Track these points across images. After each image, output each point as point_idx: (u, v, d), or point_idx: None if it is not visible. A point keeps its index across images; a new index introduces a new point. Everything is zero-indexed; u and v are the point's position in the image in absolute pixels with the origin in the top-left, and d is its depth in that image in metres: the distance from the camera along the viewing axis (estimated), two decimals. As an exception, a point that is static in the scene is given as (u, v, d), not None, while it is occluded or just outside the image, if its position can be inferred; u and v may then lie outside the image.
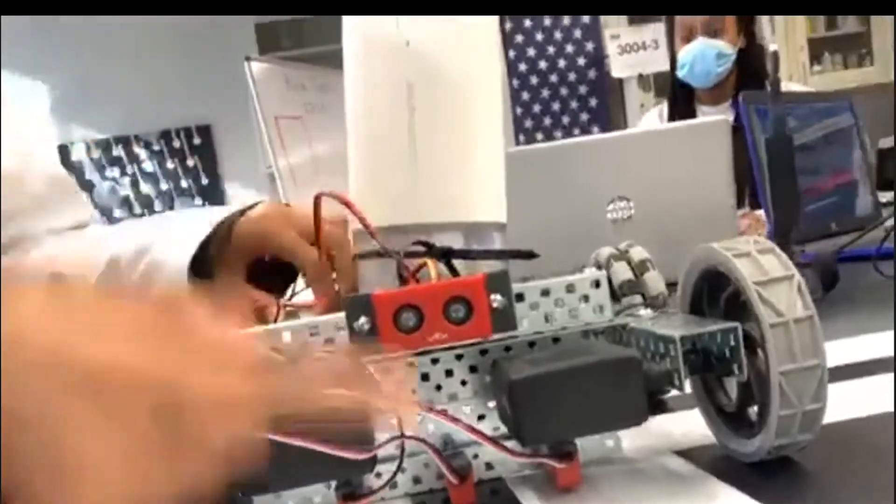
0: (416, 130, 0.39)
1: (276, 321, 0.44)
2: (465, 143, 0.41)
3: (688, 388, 0.37)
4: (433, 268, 0.38)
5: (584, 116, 3.56)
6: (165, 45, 3.76)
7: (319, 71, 2.40)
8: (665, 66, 3.34)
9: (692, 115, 1.64)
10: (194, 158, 3.97)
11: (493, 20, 0.41)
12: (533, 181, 1.11)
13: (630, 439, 0.39)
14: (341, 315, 0.37)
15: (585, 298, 0.38)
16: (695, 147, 1.19)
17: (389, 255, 0.39)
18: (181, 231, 0.55)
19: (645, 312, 0.39)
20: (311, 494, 0.37)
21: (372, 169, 0.41)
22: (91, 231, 0.66)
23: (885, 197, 1.51)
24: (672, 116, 1.69)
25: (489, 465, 0.39)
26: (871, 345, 0.52)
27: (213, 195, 4.01)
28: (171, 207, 3.92)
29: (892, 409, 0.39)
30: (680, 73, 1.62)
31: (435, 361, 0.39)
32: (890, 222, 1.23)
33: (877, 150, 2.91)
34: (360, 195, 0.42)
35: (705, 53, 1.57)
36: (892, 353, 0.49)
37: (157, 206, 3.91)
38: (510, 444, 0.35)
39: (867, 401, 0.41)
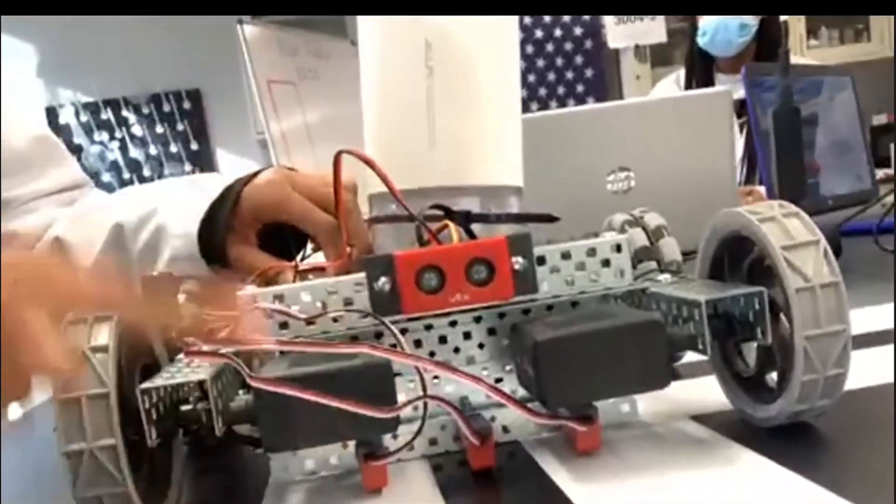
0: (434, 92, 0.38)
1: (294, 277, 0.43)
2: (483, 106, 0.40)
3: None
4: (455, 230, 0.37)
5: (580, 87, 3.54)
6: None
7: (313, 36, 2.37)
8: (662, 38, 3.33)
9: (711, 83, 1.64)
10: (184, 123, 3.92)
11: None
12: (532, 150, 1.10)
13: (645, 404, 0.39)
14: (360, 275, 0.36)
15: (606, 262, 0.38)
16: (696, 118, 1.18)
17: (407, 219, 0.39)
18: (185, 198, 0.55)
19: (664, 277, 0.39)
20: (328, 455, 0.38)
21: (388, 131, 0.41)
22: (92, 197, 0.65)
23: (879, 173, 1.52)
24: (689, 84, 1.68)
25: (506, 429, 0.39)
26: (872, 317, 0.52)
27: (203, 160, 3.97)
28: (161, 172, 3.89)
29: (892, 381, 0.39)
30: (701, 41, 1.61)
31: (453, 324, 0.39)
32: (889, 198, 1.23)
33: (869, 127, 2.91)
34: (376, 157, 0.41)
35: (728, 23, 1.56)
36: (891, 326, 0.49)
37: (146, 170, 3.88)
38: (530, 406, 0.35)
39: (873, 371, 0.41)
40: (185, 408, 0.32)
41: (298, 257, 0.54)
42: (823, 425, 0.35)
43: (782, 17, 0.81)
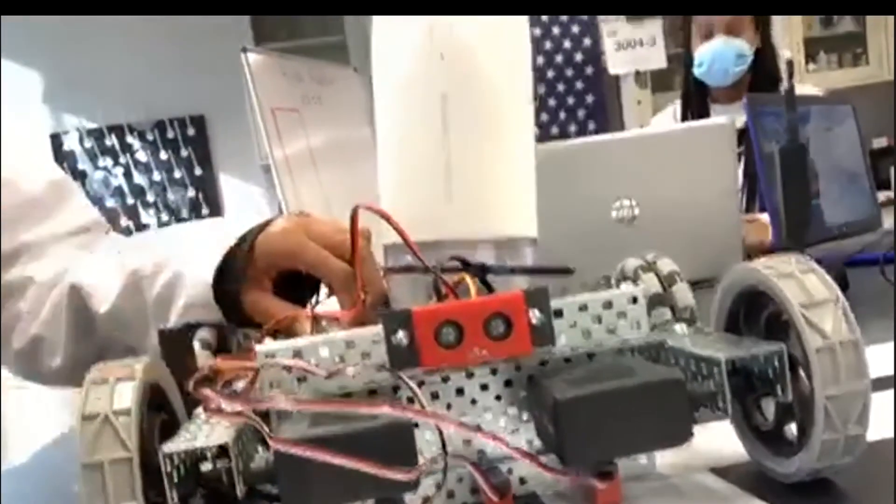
0: (451, 144, 0.39)
1: (311, 332, 0.43)
2: (498, 158, 0.40)
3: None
4: (472, 284, 0.38)
5: (581, 113, 3.56)
6: (160, 34, 3.72)
7: (316, 63, 2.38)
8: (662, 64, 3.35)
9: (706, 113, 1.65)
10: (188, 149, 3.94)
11: (525, 30, 0.41)
12: (539, 180, 1.10)
13: (662, 455, 0.39)
14: (378, 328, 0.36)
15: (623, 314, 0.38)
16: (700, 149, 1.19)
17: (424, 271, 0.39)
18: (200, 245, 0.55)
19: (680, 328, 0.39)
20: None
21: (404, 182, 0.41)
22: (109, 241, 0.65)
23: (880, 196, 1.52)
24: (685, 115, 1.69)
25: (523, 480, 0.39)
26: (879, 357, 0.52)
27: (207, 185, 3.99)
28: (165, 197, 3.90)
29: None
30: (697, 72, 1.62)
31: (470, 375, 0.39)
32: (890, 227, 1.23)
33: (868, 150, 2.93)
34: (392, 209, 0.41)
35: (725, 52, 1.57)
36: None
37: (150, 195, 3.89)
38: (547, 460, 0.35)
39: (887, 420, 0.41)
40: (205, 468, 0.32)
41: (312, 301, 0.54)
42: (843, 481, 0.35)
43: (786, 54, 0.81)
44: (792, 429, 0.36)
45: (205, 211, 3.93)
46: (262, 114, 2.47)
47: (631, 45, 3.34)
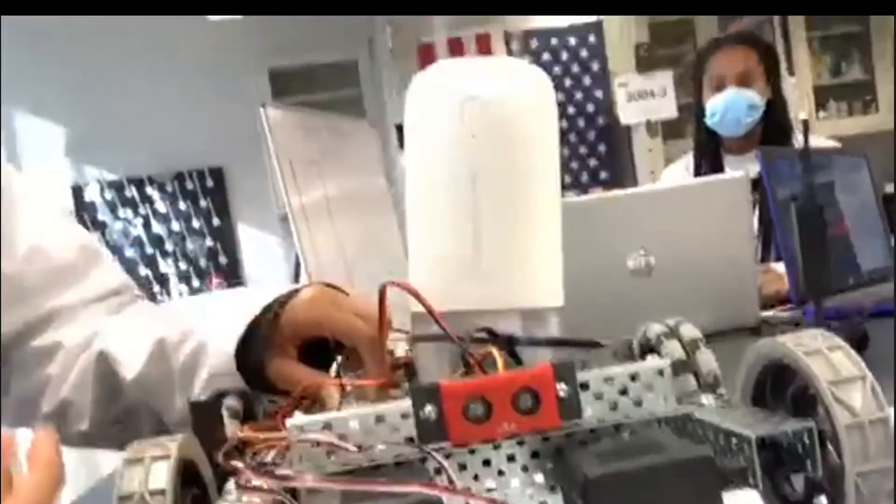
0: (481, 220, 0.39)
1: (340, 401, 0.44)
2: (526, 231, 0.41)
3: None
4: (500, 357, 0.38)
5: (593, 162, 3.59)
6: (179, 88, 3.81)
7: (333, 117, 2.42)
8: (673, 114, 3.39)
9: (719, 163, 1.67)
10: (207, 199, 4.00)
11: (554, 109, 0.42)
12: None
13: (691, 527, 0.39)
14: (406, 403, 0.37)
15: (649, 387, 0.38)
16: (715, 202, 1.20)
17: (452, 341, 0.40)
18: (224, 314, 0.56)
19: (706, 400, 0.39)
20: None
21: (433, 255, 0.42)
22: (137, 307, 0.67)
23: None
24: (699, 165, 1.71)
25: (551, 554, 0.39)
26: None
27: (225, 235, 4.03)
28: (183, 247, 3.94)
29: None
30: (710, 122, 1.64)
31: (497, 447, 0.39)
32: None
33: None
34: (421, 280, 0.42)
35: (738, 103, 1.60)
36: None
37: (168, 245, 3.93)
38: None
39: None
40: (240, 547, 0.32)
41: (335, 369, 0.54)
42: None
43: (802, 115, 0.83)
44: (822, 501, 0.36)
45: (222, 259, 3.97)
46: (280, 166, 2.51)
47: (642, 97, 3.39)
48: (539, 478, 0.39)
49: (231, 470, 0.37)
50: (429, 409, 0.36)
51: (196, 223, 3.93)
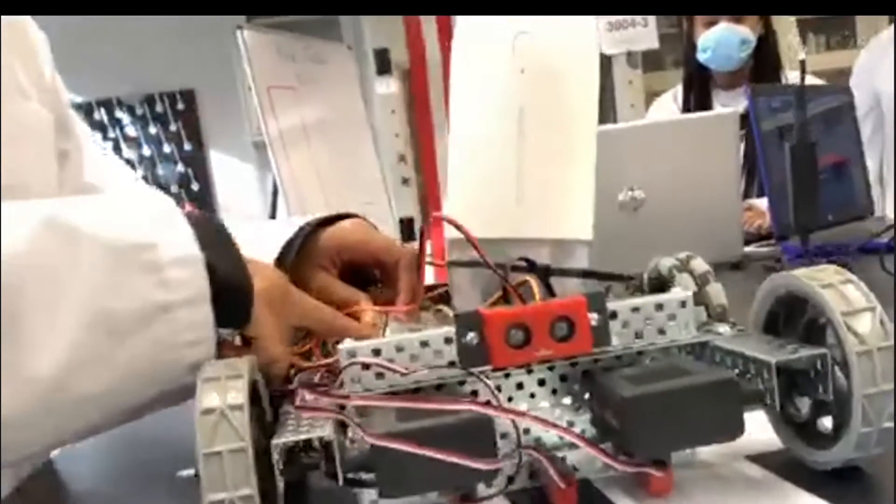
0: (525, 152, 0.42)
1: (385, 325, 0.46)
2: (567, 165, 0.43)
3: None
4: (536, 287, 0.41)
5: (572, 92, 3.58)
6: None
7: (311, 41, 2.37)
8: (654, 44, 3.36)
9: (708, 98, 1.69)
10: (177, 124, 3.92)
11: (596, 49, 0.43)
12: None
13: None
14: (449, 329, 0.40)
15: (672, 317, 0.41)
16: (705, 138, 1.22)
17: (490, 268, 0.42)
18: (271, 234, 0.58)
19: (724, 330, 0.43)
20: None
21: (475, 184, 0.44)
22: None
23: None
24: (687, 98, 1.73)
25: (574, 467, 0.42)
26: None
27: (196, 161, 3.97)
28: (154, 172, 3.88)
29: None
30: (701, 57, 1.65)
31: (529, 371, 0.42)
32: (889, 216, 1.27)
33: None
34: (462, 207, 0.44)
35: (730, 38, 1.62)
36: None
37: (140, 170, 3.88)
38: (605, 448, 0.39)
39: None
40: (307, 459, 0.35)
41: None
42: (870, 466, 0.39)
43: (801, 56, 0.85)
44: (826, 422, 0.39)
45: (194, 186, 3.92)
46: (257, 91, 2.48)
47: (623, 26, 3.36)
48: (567, 400, 0.43)
49: (287, 391, 0.40)
50: (471, 336, 0.39)
51: (167, 148, 3.87)
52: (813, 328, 0.39)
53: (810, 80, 1.78)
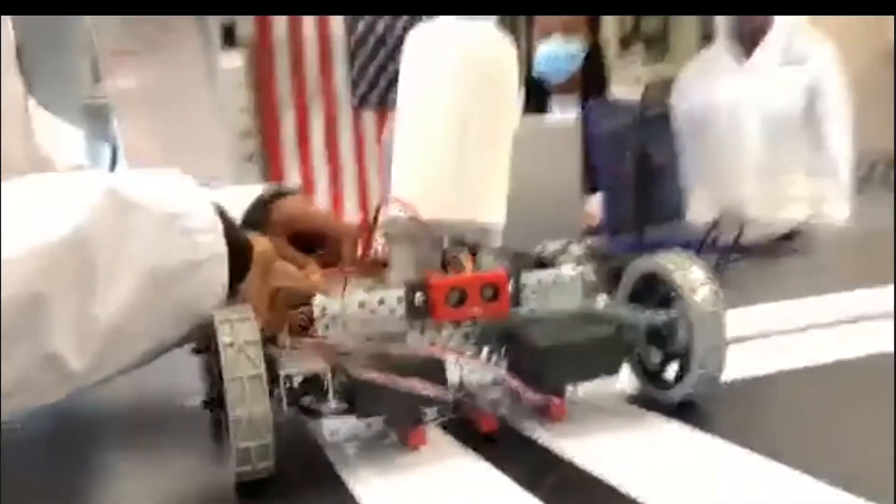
0: (466, 151, 0.53)
1: (344, 286, 0.55)
2: (495, 162, 0.55)
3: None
4: (468, 261, 0.52)
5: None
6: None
7: (160, 8, 2.33)
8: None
9: (545, 104, 1.89)
10: None
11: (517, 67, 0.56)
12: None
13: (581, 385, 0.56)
14: (400, 291, 0.50)
15: (565, 288, 0.54)
16: (547, 145, 1.40)
17: (432, 242, 0.53)
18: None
19: (602, 300, 0.56)
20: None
21: (420, 175, 0.54)
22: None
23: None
24: (527, 102, 1.92)
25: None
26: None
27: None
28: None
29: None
30: (535, 70, 1.85)
31: (457, 326, 0.53)
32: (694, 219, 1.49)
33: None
34: (405, 190, 0.54)
35: (559, 53, 1.82)
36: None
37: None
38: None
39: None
40: (306, 385, 0.44)
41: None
42: (703, 403, 0.53)
43: (644, 83, 1.01)
44: (671, 370, 0.54)
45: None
46: (99, 54, 2.43)
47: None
48: (485, 350, 0.54)
49: (301, 339, 0.49)
50: (419, 297, 0.49)
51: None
52: (666, 298, 0.53)
53: (632, 94, 2.03)
